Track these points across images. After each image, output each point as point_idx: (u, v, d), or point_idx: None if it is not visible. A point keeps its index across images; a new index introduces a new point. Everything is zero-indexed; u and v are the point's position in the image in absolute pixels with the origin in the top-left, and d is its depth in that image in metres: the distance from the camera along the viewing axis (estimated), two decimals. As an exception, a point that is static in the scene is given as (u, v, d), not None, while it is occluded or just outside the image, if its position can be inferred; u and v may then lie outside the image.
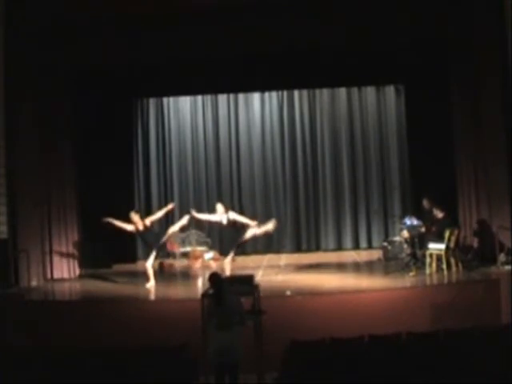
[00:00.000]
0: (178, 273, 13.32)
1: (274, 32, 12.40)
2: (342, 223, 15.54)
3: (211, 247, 14.44)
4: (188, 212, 12.17)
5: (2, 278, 11.28)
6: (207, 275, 11.42)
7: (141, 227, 11.47)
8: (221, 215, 11.65)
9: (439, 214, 11.93)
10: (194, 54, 13.05)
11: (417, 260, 12.25)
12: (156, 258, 11.67)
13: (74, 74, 13.44)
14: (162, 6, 11.79)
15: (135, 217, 11.56)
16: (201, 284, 11.25)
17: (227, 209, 11.87)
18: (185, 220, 11.82)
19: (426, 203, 12.77)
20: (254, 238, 12.43)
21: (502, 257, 11.34)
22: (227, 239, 11.94)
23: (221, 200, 15.52)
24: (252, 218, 15.30)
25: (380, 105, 15.55)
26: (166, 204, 15.41)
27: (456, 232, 11.77)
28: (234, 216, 11.63)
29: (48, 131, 12.88)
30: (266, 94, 15.67)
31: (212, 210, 15.49)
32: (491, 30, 11.92)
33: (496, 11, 11.78)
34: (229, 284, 7.73)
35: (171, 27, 12.35)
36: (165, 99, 15.69)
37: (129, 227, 11.55)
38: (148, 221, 11.61)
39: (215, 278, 7.52)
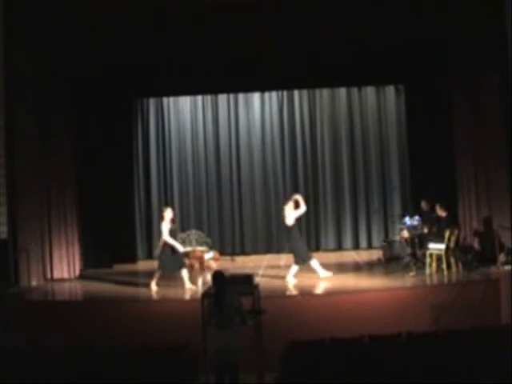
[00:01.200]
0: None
1: (274, 32, 12.39)
2: (342, 223, 15.55)
3: (211, 247, 14.44)
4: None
5: (2, 278, 11.28)
6: (207, 275, 11.58)
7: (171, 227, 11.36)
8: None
9: (443, 213, 11.91)
10: (194, 54, 13.05)
11: (417, 260, 12.25)
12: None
13: (74, 75, 13.44)
14: (162, 7, 11.79)
15: (169, 214, 11.33)
16: (201, 284, 11.25)
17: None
18: None
19: (424, 204, 12.78)
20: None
21: (501, 257, 11.33)
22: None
23: (220, 200, 15.67)
24: (252, 217, 15.62)
25: (380, 105, 15.56)
26: (165, 203, 15.55)
27: (456, 232, 11.77)
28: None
29: (48, 131, 12.88)
30: (266, 94, 15.67)
31: (211, 211, 15.69)
32: (491, 30, 11.92)
33: (496, 11, 11.78)
34: (231, 284, 7.71)
35: (171, 27, 12.34)
36: (165, 99, 15.70)
37: (167, 227, 11.24)
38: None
39: (218, 277, 7.49)
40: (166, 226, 11.17)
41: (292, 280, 11.47)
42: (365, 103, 15.63)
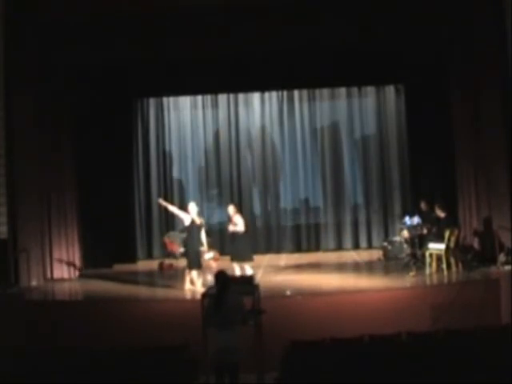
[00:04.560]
0: (178, 273, 13.29)
1: (275, 32, 12.40)
2: (342, 223, 15.54)
3: (211, 247, 14.42)
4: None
5: (2, 277, 11.28)
6: (207, 275, 11.57)
7: (198, 221, 11.21)
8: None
9: (441, 214, 11.91)
10: (194, 54, 13.07)
11: (417, 260, 12.26)
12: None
13: (74, 74, 13.45)
14: (163, 7, 11.79)
15: (195, 208, 11.23)
16: (200, 284, 11.22)
17: (238, 211, 11.82)
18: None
19: (423, 205, 12.78)
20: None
21: (501, 257, 11.33)
22: (242, 243, 11.62)
23: (220, 199, 15.66)
24: (251, 217, 15.60)
25: (380, 105, 15.56)
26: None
27: (456, 232, 11.76)
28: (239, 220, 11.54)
29: (48, 131, 12.88)
30: (266, 94, 15.67)
31: (211, 210, 15.68)
32: (491, 30, 11.92)
33: (496, 11, 11.78)
34: (234, 283, 7.69)
35: (171, 27, 12.35)
36: (165, 99, 15.70)
37: (184, 216, 11.13)
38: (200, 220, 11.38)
39: (221, 276, 7.49)
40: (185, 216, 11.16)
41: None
42: (365, 103, 15.63)
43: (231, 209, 11.70)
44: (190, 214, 11.15)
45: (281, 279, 11.92)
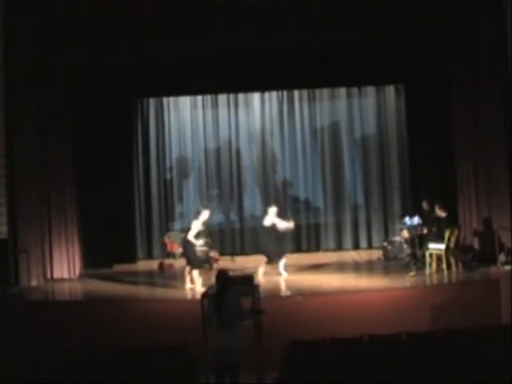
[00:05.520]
0: (178, 273, 13.30)
1: (274, 32, 12.40)
2: (342, 223, 15.54)
3: (211, 247, 14.42)
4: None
5: (2, 278, 11.28)
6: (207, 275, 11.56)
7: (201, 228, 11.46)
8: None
9: (442, 214, 11.91)
10: (194, 54, 13.06)
11: (417, 260, 12.26)
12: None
13: (74, 74, 13.45)
14: (162, 7, 11.79)
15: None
16: (200, 284, 11.24)
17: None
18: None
19: (425, 205, 12.78)
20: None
21: (501, 257, 11.34)
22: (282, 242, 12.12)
23: (220, 200, 15.67)
24: (251, 217, 15.62)
25: (380, 105, 15.55)
26: (165, 203, 15.54)
27: (456, 232, 11.77)
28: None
29: (48, 131, 12.88)
30: (266, 94, 15.66)
31: (211, 210, 15.64)
32: (491, 30, 11.93)
33: (496, 11, 11.79)
34: (234, 284, 7.69)
35: (171, 27, 12.35)
36: (165, 99, 15.69)
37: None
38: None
39: (221, 276, 7.49)
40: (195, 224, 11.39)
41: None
42: (365, 103, 15.62)
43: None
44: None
45: (281, 279, 11.91)
